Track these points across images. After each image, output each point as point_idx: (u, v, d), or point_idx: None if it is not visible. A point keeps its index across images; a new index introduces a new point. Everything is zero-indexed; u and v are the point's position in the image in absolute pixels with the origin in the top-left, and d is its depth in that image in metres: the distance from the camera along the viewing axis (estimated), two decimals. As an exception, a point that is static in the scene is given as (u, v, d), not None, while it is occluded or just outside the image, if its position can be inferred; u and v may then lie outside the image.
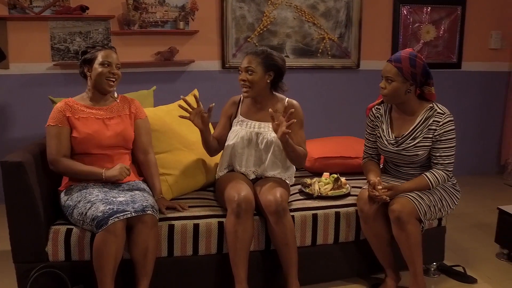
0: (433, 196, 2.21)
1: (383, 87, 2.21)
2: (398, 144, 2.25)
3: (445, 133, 2.18)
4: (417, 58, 2.17)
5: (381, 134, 2.33)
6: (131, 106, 2.35)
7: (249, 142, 2.36)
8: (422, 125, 2.21)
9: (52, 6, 3.53)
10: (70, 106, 2.22)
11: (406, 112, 2.26)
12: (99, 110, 2.26)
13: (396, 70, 2.15)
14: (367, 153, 2.46)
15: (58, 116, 2.18)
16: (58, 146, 2.15)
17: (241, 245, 2.11)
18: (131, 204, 2.01)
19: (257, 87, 2.30)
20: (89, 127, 2.19)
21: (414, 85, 2.19)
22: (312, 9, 3.90)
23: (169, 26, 3.72)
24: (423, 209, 2.15)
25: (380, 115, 2.36)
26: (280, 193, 2.16)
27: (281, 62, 2.35)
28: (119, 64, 2.26)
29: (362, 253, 2.38)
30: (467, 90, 4.37)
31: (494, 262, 2.71)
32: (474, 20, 4.24)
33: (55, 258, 2.12)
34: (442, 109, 2.22)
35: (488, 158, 4.56)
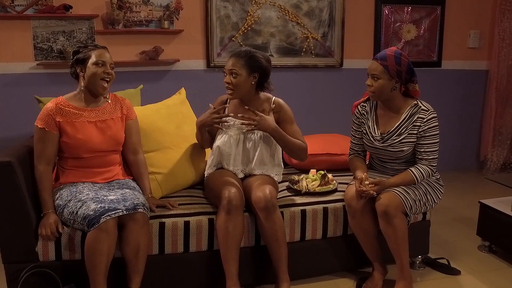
0: (418, 190, 2.28)
1: (370, 85, 2.26)
2: (384, 141, 2.31)
3: (429, 129, 2.24)
4: (402, 56, 2.22)
5: (367, 131, 2.39)
6: (123, 107, 2.32)
7: (237, 141, 2.38)
8: (407, 121, 2.27)
9: (35, 5, 3.48)
10: (61, 109, 2.16)
11: (392, 109, 2.32)
12: (91, 112, 2.22)
13: (382, 68, 2.21)
14: (353, 150, 2.51)
15: (47, 119, 2.14)
16: (41, 152, 2.13)
17: (232, 241, 2.13)
18: (122, 202, 2.02)
19: (241, 89, 2.31)
20: (81, 132, 2.16)
21: (399, 83, 2.25)
22: (296, 8, 3.95)
23: (153, 25, 3.71)
24: (409, 203, 2.21)
25: (366, 112, 2.41)
26: (269, 190, 2.20)
27: (266, 62, 2.35)
28: (113, 64, 2.22)
29: (350, 247, 2.43)
30: (447, 88, 4.47)
31: (476, 254, 2.79)
32: (453, 20, 4.34)
33: (46, 258, 2.11)
34: (426, 106, 2.28)
35: (468, 154, 4.68)
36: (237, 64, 2.28)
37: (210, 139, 2.50)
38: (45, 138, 2.13)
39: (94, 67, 2.15)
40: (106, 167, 2.25)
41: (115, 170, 2.28)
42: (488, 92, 4.46)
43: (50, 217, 2.08)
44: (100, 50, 2.19)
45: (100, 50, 2.19)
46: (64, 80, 3.61)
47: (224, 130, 2.40)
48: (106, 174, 2.24)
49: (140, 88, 2.91)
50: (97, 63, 2.15)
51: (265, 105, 2.40)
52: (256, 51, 2.35)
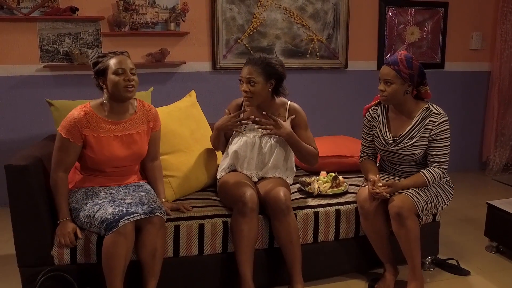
0: (430, 192, 2.30)
1: (382, 90, 2.27)
2: (396, 144, 2.33)
3: (440, 133, 2.27)
4: (413, 59, 2.25)
5: (379, 134, 2.41)
6: (150, 119, 2.25)
7: (252, 145, 2.40)
8: (419, 125, 2.29)
9: (41, 7, 3.48)
10: (89, 121, 2.09)
11: (403, 113, 2.34)
12: (118, 125, 2.15)
13: (395, 72, 2.22)
14: (365, 152, 2.52)
15: (73, 130, 2.07)
16: (60, 160, 2.08)
17: (247, 244, 2.15)
18: (140, 206, 2.02)
19: (259, 96, 2.32)
20: (106, 148, 2.11)
21: (411, 86, 2.27)
22: (301, 10, 3.96)
23: (159, 27, 3.72)
24: (421, 205, 2.23)
25: (377, 115, 2.43)
26: (283, 192, 2.21)
27: (281, 68, 2.36)
28: (134, 69, 2.12)
29: (362, 248, 2.45)
30: (449, 89, 4.51)
31: (484, 254, 2.82)
32: (456, 22, 4.38)
33: (61, 261, 2.11)
34: (437, 109, 2.31)
35: (470, 155, 4.72)
36: (254, 72, 2.28)
37: (225, 142, 2.51)
38: (67, 148, 2.08)
39: (114, 77, 2.06)
40: (125, 175, 2.26)
41: (132, 177, 2.29)
42: (490, 94, 4.49)
43: (67, 226, 2.06)
44: (118, 57, 2.10)
45: (118, 57, 2.10)
46: (70, 82, 3.64)
47: (243, 133, 2.41)
48: (124, 181, 2.25)
49: (151, 90, 2.91)
50: (117, 72, 2.06)
51: (281, 109, 2.42)
52: (271, 57, 2.36)
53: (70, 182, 2.22)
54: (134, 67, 2.13)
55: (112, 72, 2.08)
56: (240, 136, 2.41)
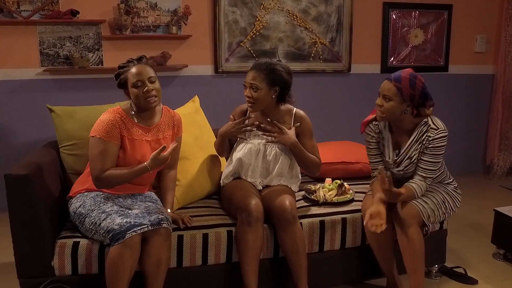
0: (437, 199, 2.25)
1: (380, 105, 2.16)
2: (397, 165, 2.26)
3: (432, 148, 2.14)
4: (417, 79, 2.12)
5: (383, 150, 2.31)
6: (174, 124, 2.27)
7: (257, 153, 2.35)
8: (417, 141, 2.19)
9: (41, 10, 3.44)
10: (125, 123, 2.09)
11: (401, 130, 2.24)
12: (148, 132, 2.16)
13: (396, 90, 2.10)
14: (376, 170, 2.34)
15: (113, 131, 2.05)
16: (104, 163, 2.03)
17: (252, 254, 2.10)
18: (147, 217, 1.98)
19: (262, 102, 2.27)
20: (138, 151, 2.11)
21: (410, 106, 2.14)
22: (304, 13, 3.92)
23: (161, 30, 3.68)
24: (427, 212, 2.18)
25: (380, 130, 2.31)
26: (289, 201, 2.17)
27: (286, 75, 2.30)
28: (153, 77, 2.09)
29: (368, 258, 2.40)
30: (453, 92, 4.47)
31: (491, 262, 2.78)
32: (460, 24, 4.34)
33: (62, 272, 2.06)
34: (436, 124, 2.17)
35: (474, 158, 4.68)
36: (258, 78, 2.24)
37: (229, 148, 2.47)
38: (110, 150, 2.05)
39: (133, 90, 2.07)
40: (143, 184, 2.23)
41: (144, 188, 2.25)
42: (495, 97, 4.46)
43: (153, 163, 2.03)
44: (136, 68, 2.08)
45: (136, 68, 2.08)
46: (71, 86, 3.60)
47: (247, 140, 2.37)
48: (135, 190, 2.21)
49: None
50: (135, 85, 2.06)
51: (286, 117, 2.37)
52: (276, 63, 2.30)
53: (84, 183, 2.19)
54: (153, 74, 2.11)
55: (131, 86, 2.08)
56: (245, 143, 2.37)
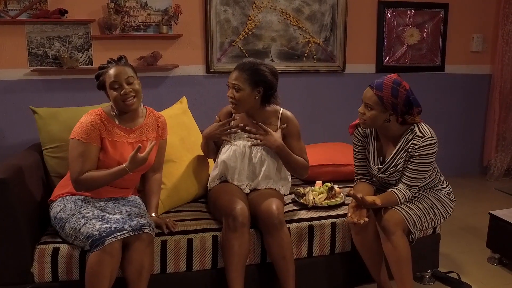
0: (423, 204, 2.17)
1: (362, 112, 2.08)
2: (382, 172, 2.18)
3: (418, 156, 2.05)
4: (401, 87, 2.00)
5: (368, 156, 2.25)
6: (159, 126, 2.22)
7: (242, 155, 2.29)
8: (403, 149, 2.10)
9: (29, 10, 3.37)
10: (105, 125, 2.05)
11: (388, 137, 2.16)
12: (130, 134, 2.11)
13: (377, 98, 2.01)
14: (359, 174, 2.32)
15: (93, 133, 2.01)
16: (83, 166, 1.98)
17: (238, 259, 2.05)
18: (129, 222, 1.92)
19: (245, 103, 2.21)
20: (119, 153, 2.06)
21: (394, 115, 2.05)
22: (297, 12, 3.86)
23: (151, 30, 3.61)
24: (412, 219, 2.10)
25: (366, 135, 2.25)
26: (276, 205, 2.11)
27: (271, 76, 2.23)
28: (131, 77, 2.05)
29: (359, 263, 2.34)
30: (450, 92, 4.41)
31: (485, 266, 2.72)
32: (456, 24, 4.28)
33: (41, 279, 2.01)
34: (422, 131, 2.06)
35: (471, 159, 4.62)
36: (240, 78, 2.18)
37: (216, 149, 2.41)
38: (89, 153, 2.00)
39: (111, 92, 2.04)
40: (126, 187, 2.17)
41: (127, 192, 2.20)
42: (492, 97, 4.39)
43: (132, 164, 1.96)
44: (113, 69, 2.04)
45: (113, 69, 2.04)
46: (60, 86, 3.53)
47: (231, 142, 2.30)
48: (118, 194, 2.15)
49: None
50: (112, 87, 2.03)
51: (273, 117, 2.31)
52: (261, 64, 2.24)
53: (65, 186, 2.13)
54: (131, 74, 2.07)
55: (109, 87, 2.05)
56: (230, 145, 2.31)
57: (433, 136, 2.06)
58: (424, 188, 2.23)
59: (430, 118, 4.34)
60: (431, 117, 4.37)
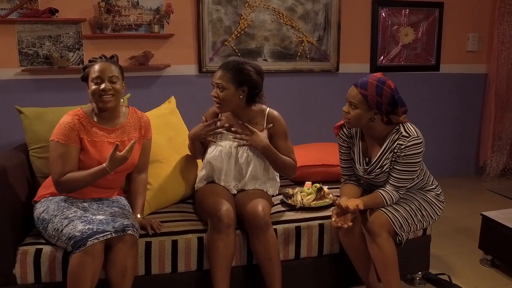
0: (411, 206, 2.13)
1: (346, 111, 2.05)
2: (368, 173, 2.15)
3: (405, 156, 2.01)
4: (385, 86, 1.97)
5: (353, 157, 2.21)
6: (142, 126, 2.19)
7: (228, 156, 2.26)
8: (389, 149, 2.06)
9: (19, 9, 3.35)
10: (84, 125, 2.03)
11: (373, 137, 2.13)
12: (111, 132, 2.08)
13: (361, 97, 1.98)
14: (345, 176, 2.28)
15: (71, 134, 1.99)
16: (63, 167, 1.96)
17: (223, 261, 2.02)
18: (111, 223, 1.90)
19: (229, 103, 2.19)
20: (100, 153, 2.02)
21: (378, 114, 2.02)
22: (290, 11, 3.83)
23: (143, 29, 3.59)
24: (399, 221, 2.07)
25: (352, 136, 2.21)
26: (262, 206, 2.08)
27: (255, 75, 2.19)
28: (115, 76, 2.02)
29: (348, 265, 2.31)
30: (445, 92, 4.38)
31: (478, 268, 2.69)
32: (451, 23, 4.25)
33: (24, 280, 1.99)
34: (408, 131, 2.03)
35: (467, 159, 4.58)
36: (224, 78, 2.15)
37: (203, 149, 2.38)
38: (69, 154, 1.97)
39: (91, 85, 2.02)
40: (110, 188, 2.15)
41: (112, 192, 2.17)
42: (487, 97, 4.36)
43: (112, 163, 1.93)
44: (99, 65, 2.02)
45: (100, 65, 2.02)
46: (51, 86, 3.51)
47: (216, 143, 2.28)
48: (103, 194, 2.13)
49: (128, 97, 2.77)
50: (94, 80, 2.01)
51: (259, 117, 2.28)
52: (246, 63, 2.20)
53: (48, 187, 2.11)
54: (116, 74, 2.05)
55: (90, 80, 2.03)
56: (215, 146, 2.28)
57: (419, 136, 2.03)
58: (412, 189, 2.20)
59: (425, 118, 4.34)
60: (427, 117, 4.36)
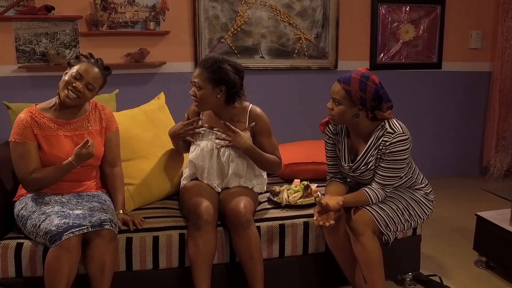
0: (397, 205, 2.08)
1: (330, 108, 2.01)
2: (353, 171, 2.10)
3: (390, 153, 1.96)
4: (369, 81, 1.92)
5: (339, 154, 2.16)
6: (102, 118, 2.16)
7: (210, 154, 2.23)
8: (374, 146, 2.01)
9: (16, 6, 3.38)
10: (37, 121, 2.01)
11: (359, 134, 2.08)
12: (68, 125, 2.06)
13: (344, 92, 1.93)
14: (331, 173, 2.23)
15: (25, 132, 1.98)
16: (26, 166, 1.97)
17: (202, 259, 1.99)
18: (89, 218, 1.89)
19: (207, 102, 2.15)
20: (56, 147, 2.01)
21: (363, 110, 1.97)
22: (288, 8, 3.79)
23: (139, 26, 3.59)
24: (384, 220, 2.01)
25: (337, 132, 2.17)
26: (244, 204, 2.05)
27: (233, 74, 2.14)
28: (93, 86, 2.02)
29: (333, 264, 2.27)
30: (448, 90, 4.29)
31: (472, 270, 2.62)
32: (454, 20, 4.16)
33: (5, 274, 1.98)
34: (393, 127, 1.97)
35: (470, 159, 4.49)
36: (201, 77, 2.11)
37: (186, 145, 2.36)
38: (28, 152, 1.98)
39: (69, 75, 2.00)
40: (80, 181, 2.13)
41: (88, 185, 2.16)
42: (491, 95, 4.27)
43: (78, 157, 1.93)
44: (88, 66, 2.02)
45: (89, 66, 2.02)
46: (47, 83, 3.53)
47: (195, 143, 2.25)
48: (79, 188, 2.12)
49: (116, 93, 2.76)
50: (74, 75, 1.99)
51: (241, 114, 2.24)
52: (224, 61, 2.15)
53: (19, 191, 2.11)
54: (95, 85, 2.04)
55: (71, 72, 2.01)
56: (196, 145, 2.25)
57: (405, 132, 1.98)
58: (399, 187, 2.14)
59: (428, 117, 4.27)
60: (429, 116, 4.28)
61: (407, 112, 4.15)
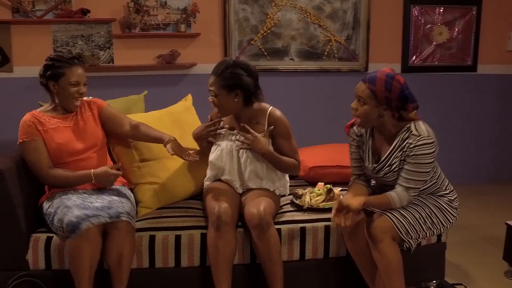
0: (420, 213, 2.03)
1: (355, 108, 2.00)
2: (377, 172, 2.08)
3: (414, 156, 1.93)
4: (394, 81, 1.91)
5: (363, 155, 2.15)
6: (91, 105, 2.30)
7: (230, 155, 2.26)
8: (399, 148, 1.99)
9: (54, 10, 3.52)
10: (38, 119, 2.16)
11: (384, 134, 2.05)
12: (65, 119, 2.21)
13: (369, 92, 1.93)
14: (355, 174, 2.23)
15: (30, 130, 2.12)
16: (40, 161, 2.11)
17: (222, 259, 2.03)
18: (107, 210, 1.98)
19: (226, 108, 2.18)
20: (59, 136, 2.15)
21: (388, 110, 1.95)
22: (318, 10, 3.78)
23: (170, 28, 3.67)
24: (404, 227, 1.98)
25: (361, 134, 2.15)
26: (264, 206, 2.07)
27: (246, 78, 2.15)
28: (86, 80, 2.19)
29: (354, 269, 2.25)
30: (483, 94, 4.17)
31: (501, 280, 2.53)
32: (490, 21, 4.04)
33: (36, 266, 2.09)
34: (419, 129, 1.95)
35: (506, 165, 4.33)
36: (215, 84, 2.14)
37: (210, 147, 2.39)
38: (37, 147, 2.12)
39: (69, 87, 2.13)
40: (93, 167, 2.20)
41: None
42: (530, 99, 4.11)
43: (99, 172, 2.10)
44: (75, 69, 2.14)
45: (76, 69, 2.14)
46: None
47: (216, 143, 2.29)
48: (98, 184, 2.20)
49: (144, 94, 2.84)
50: (73, 83, 2.13)
51: (261, 116, 2.26)
52: (236, 65, 2.15)
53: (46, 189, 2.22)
54: (86, 79, 2.20)
55: (67, 82, 2.12)
56: (216, 146, 2.29)
57: (430, 136, 1.94)
58: (423, 193, 2.10)
59: (462, 121, 4.15)
60: (463, 120, 4.17)
61: (440, 116, 4.06)
